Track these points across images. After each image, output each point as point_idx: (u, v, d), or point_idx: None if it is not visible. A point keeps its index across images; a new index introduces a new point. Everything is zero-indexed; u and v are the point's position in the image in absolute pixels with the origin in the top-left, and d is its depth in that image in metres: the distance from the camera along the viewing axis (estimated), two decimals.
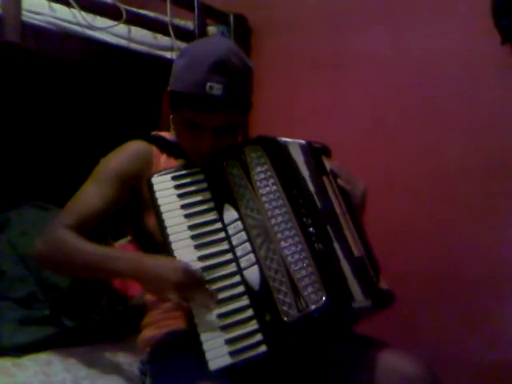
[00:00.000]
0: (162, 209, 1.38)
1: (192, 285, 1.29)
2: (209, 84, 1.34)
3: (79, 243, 1.41)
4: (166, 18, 2.20)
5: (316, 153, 1.52)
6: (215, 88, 1.34)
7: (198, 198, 1.41)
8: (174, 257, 1.34)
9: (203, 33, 2.33)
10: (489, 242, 1.99)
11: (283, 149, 1.43)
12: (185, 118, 1.41)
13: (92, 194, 1.46)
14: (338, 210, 1.45)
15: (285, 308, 1.26)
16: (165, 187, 1.41)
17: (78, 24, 1.94)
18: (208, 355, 1.25)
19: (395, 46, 2.17)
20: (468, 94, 2.04)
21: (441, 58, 2.08)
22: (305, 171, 1.43)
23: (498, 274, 1.97)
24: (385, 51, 2.19)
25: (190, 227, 1.37)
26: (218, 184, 1.41)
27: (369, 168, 2.05)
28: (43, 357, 1.69)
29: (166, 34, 2.20)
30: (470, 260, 2.02)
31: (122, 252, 1.37)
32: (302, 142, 1.52)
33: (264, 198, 1.35)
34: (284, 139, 1.46)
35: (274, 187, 1.36)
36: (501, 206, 1.99)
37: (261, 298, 1.28)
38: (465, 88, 2.05)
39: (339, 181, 1.50)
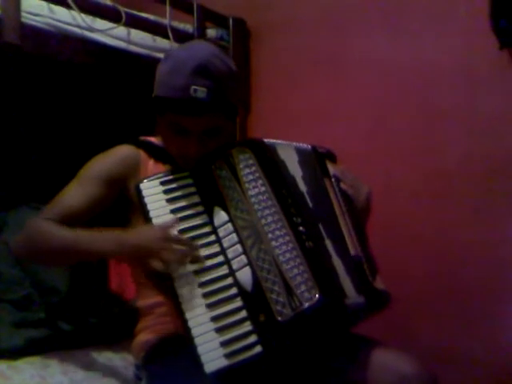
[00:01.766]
0: (152, 214, 1.38)
1: (168, 239, 1.30)
2: (193, 87, 1.34)
3: (54, 228, 1.39)
4: (165, 21, 2.20)
5: (319, 157, 1.53)
6: (199, 91, 1.34)
7: (188, 202, 1.40)
8: None
9: (202, 36, 2.32)
10: (489, 242, 1.98)
11: (271, 150, 1.43)
12: (170, 122, 1.41)
13: (73, 193, 1.46)
14: (337, 211, 1.45)
15: (278, 308, 1.25)
16: (154, 192, 1.40)
17: (78, 26, 1.93)
18: (203, 358, 1.25)
19: (395, 48, 2.17)
20: (468, 95, 2.03)
21: (441, 60, 2.07)
22: (297, 172, 1.43)
23: (498, 274, 1.96)
24: (384, 53, 2.19)
25: (181, 231, 1.36)
26: (206, 187, 1.41)
27: (368, 169, 2.04)
28: (39, 359, 1.69)
29: (165, 36, 2.19)
30: (470, 261, 2.01)
31: (99, 232, 1.36)
32: (305, 145, 1.53)
33: (253, 199, 1.35)
34: (273, 141, 1.46)
35: (263, 188, 1.35)
36: (501, 208, 1.98)
37: (254, 299, 1.28)
38: (465, 90, 2.04)
39: (342, 185, 1.50)
